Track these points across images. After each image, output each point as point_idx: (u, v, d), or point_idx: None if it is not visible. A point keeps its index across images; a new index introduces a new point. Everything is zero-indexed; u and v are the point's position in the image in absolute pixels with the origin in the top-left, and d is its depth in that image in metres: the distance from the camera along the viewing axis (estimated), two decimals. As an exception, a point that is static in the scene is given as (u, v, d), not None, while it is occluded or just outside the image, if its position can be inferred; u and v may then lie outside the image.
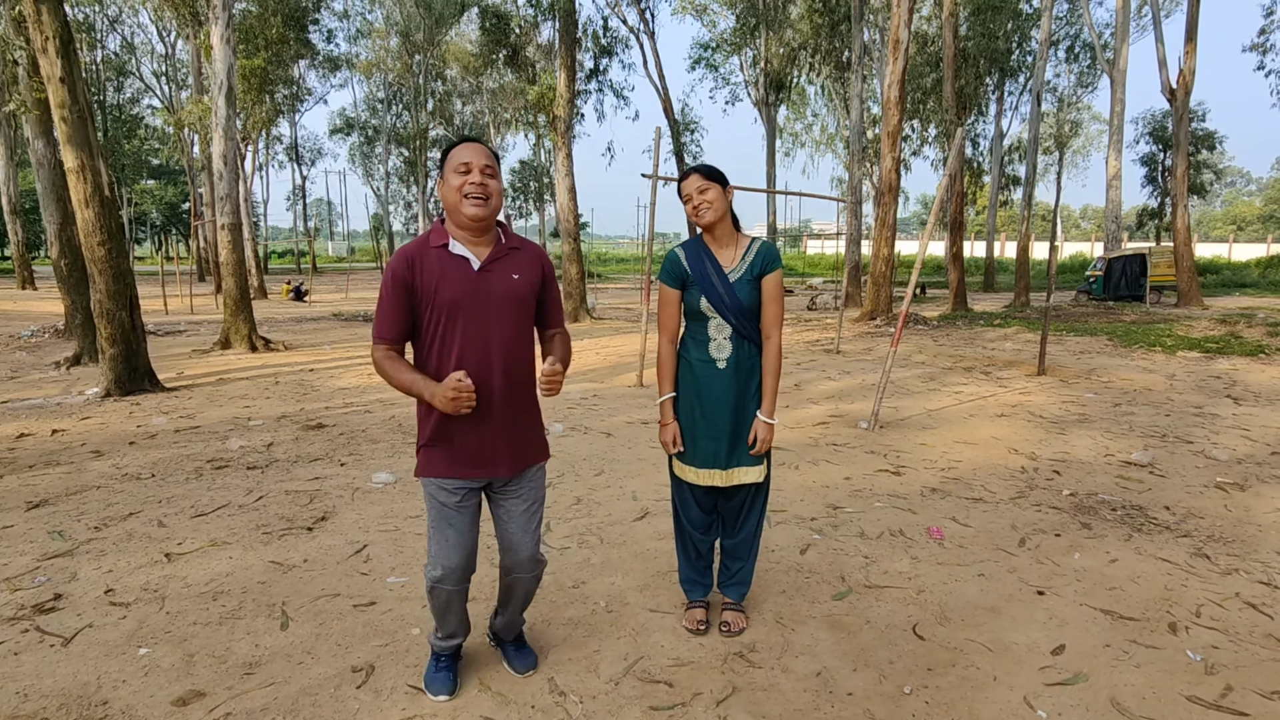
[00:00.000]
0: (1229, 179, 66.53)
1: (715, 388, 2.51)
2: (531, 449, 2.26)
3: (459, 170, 2.07)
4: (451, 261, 2.11)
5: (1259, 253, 38.46)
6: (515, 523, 2.25)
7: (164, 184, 49.54)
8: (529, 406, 2.25)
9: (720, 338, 2.51)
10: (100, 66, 29.92)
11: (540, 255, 2.27)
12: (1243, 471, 4.66)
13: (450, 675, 2.35)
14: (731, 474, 2.55)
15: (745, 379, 2.52)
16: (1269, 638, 2.66)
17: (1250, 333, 10.70)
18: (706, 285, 2.48)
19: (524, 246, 2.25)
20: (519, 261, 2.20)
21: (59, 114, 6.82)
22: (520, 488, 2.26)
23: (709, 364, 2.51)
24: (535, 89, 15.17)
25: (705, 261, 2.50)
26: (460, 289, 2.09)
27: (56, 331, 11.89)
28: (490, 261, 2.14)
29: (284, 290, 22.72)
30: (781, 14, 23.56)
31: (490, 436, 2.15)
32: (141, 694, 2.30)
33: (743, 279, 2.48)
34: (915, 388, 7.65)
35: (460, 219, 2.10)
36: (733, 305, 2.47)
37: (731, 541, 2.70)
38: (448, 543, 2.17)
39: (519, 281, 2.17)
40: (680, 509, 2.71)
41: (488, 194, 2.08)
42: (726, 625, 2.67)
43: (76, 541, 3.50)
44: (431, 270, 2.09)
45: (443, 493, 2.16)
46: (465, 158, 2.08)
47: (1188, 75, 17.05)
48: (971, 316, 15.31)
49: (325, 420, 6.09)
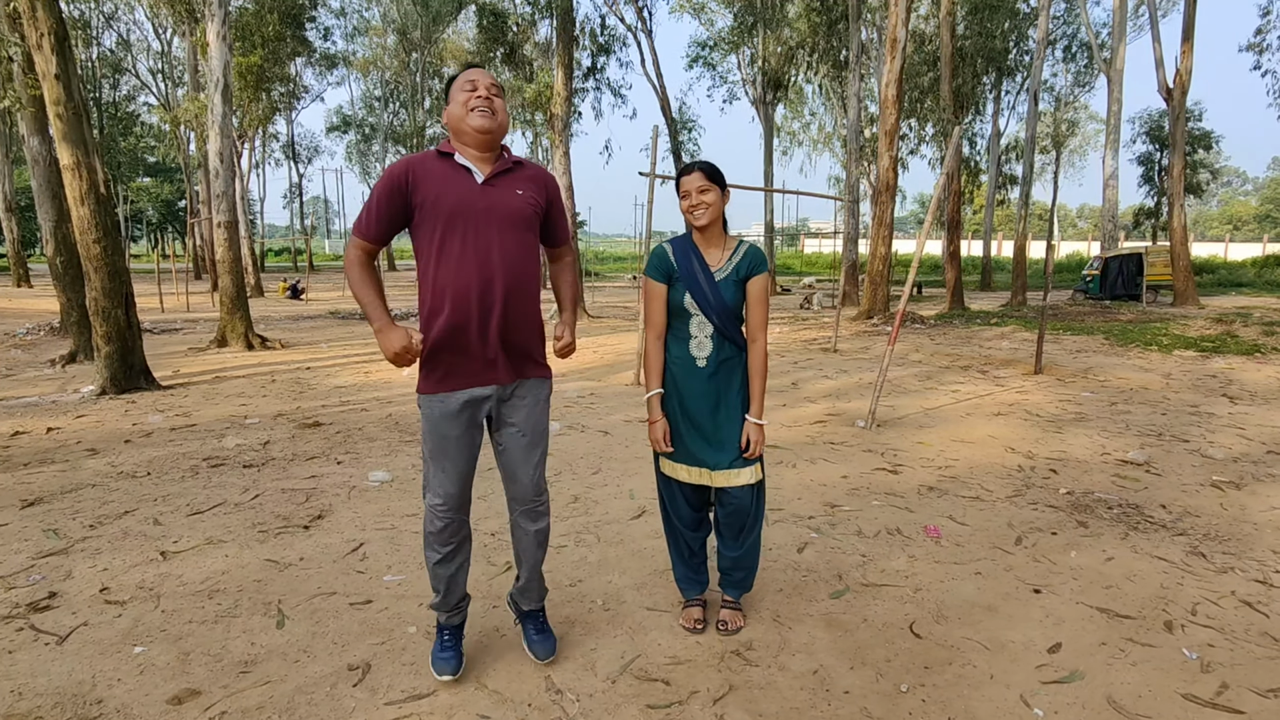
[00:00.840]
0: (1225, 179, 66.68)
1: (696, 386, 2.51)
2: (530, 360, 2.29)
3: (465, 88, 2.13)
4: (455, 171, 2.14)
5: (1255, 252, 38.60)
6: (515, 453, 2.29)
7: (160, 181, 49.39)
8: (529, 321, 2.26)
9: (701, 335, 2.50)
10: (96, 63, 29.79)
11: (545, 175, 2.32)
12: (1238, 470, 4.68)
13: (454, 655, 2.37)
14: (723, 474, 2.53)
15: (725, 379, 2.51)
16: (1265, 636, 2.67)
17: (1246, 332, 10.73)
18: (692, 283, 2.47)
19: (529, 166, 2.28)
20: (523, 179, 2.23)
21: (54, 111, 6.79)
22: (517, 417, 2.26)
23: (689, 362, 2.51)
24: (532, 87, 15.15)
25: (692, 259, 2.49)
26: (462, 199, 2.11)
27: (52, 329, 11.85)
28: (494, 175, 2.17)
29: (281, 288, 22.67)
30: (779, 13, 23.54)
31: (489, 346, 2.17)
32: (136, 692, 2.30)
33: (728, 279, 2.48)
34: (912, 386, 7.65)
35: (466, 133, 2.14)
36: (716, 304, 2.46)
37: (734, 554, 2.64)
38: (443, 469, 2.22)
39: (522, 198, 2.20)
40: (669, 507, 2.69)
41: (493, 108, 2.13)
42: (724, 624, 2.66)
43: (71, 540, 3.49)
44: (433, 179, 2.12)
45: (441, 413, 2.17)
46: (471, 76, 2.15)
47: (1184, 75, 17.07)
48: (968, 315, 15.33)
49: (322, 418, 6.08)
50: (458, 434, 2.20)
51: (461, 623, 2.44)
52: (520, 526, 2.39)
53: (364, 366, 8.89)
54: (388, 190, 2.10)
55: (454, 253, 2.10)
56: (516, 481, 2.32)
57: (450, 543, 2.29)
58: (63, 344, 10.37)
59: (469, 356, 2.16)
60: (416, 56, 33.26)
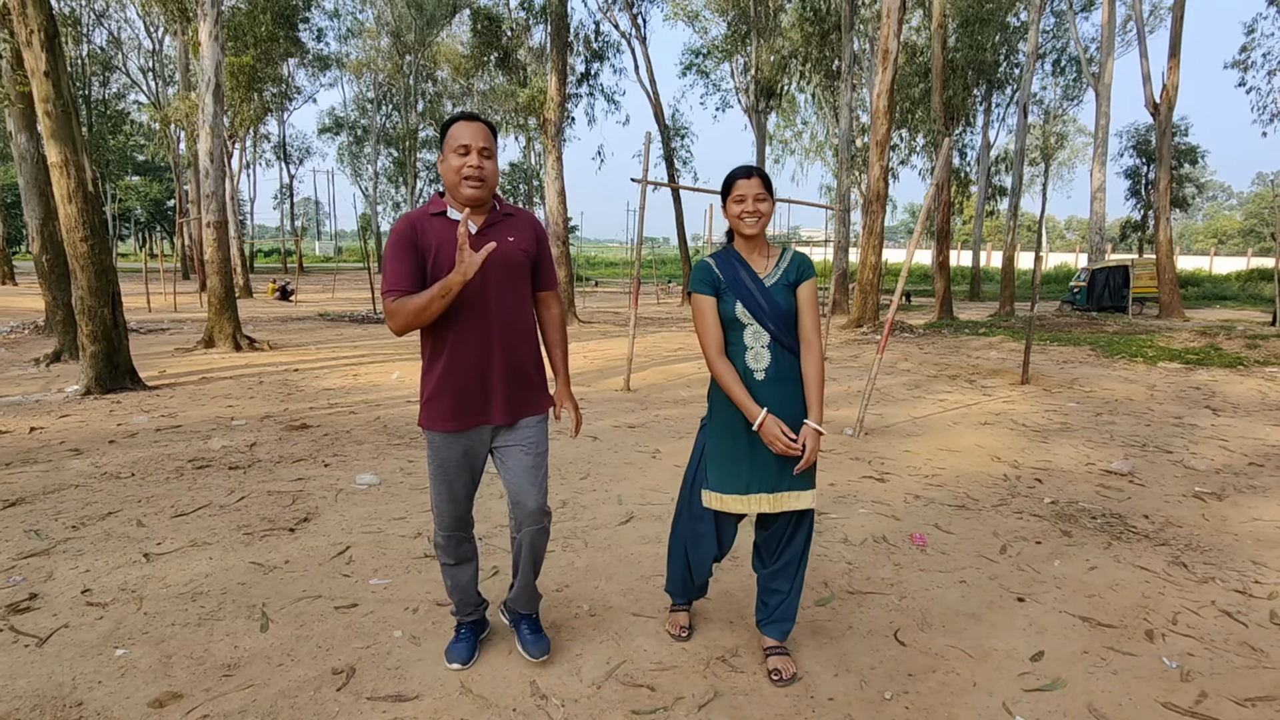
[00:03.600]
0: (1211, 193, 67.52)
1: (757, 399, 2.34)
2: (527, 401, 2.36)
3: (458, 152, 2.18)
4: (449, 228, 2.22)
5: (1239, 266, 39.06)
6: (520, 474, 2.35)
7: (149, 180, 49.06)
8: (526, 363, 2.35)
9: (758, 346, 2.36)
10: (86, 61, 29.62)
11: (534, 222, 2.41)
12: (1220, 481, 4.73)
13: (467, 646, 2.49)
14: (780, 498, 2.36)
15: (788, 391, 2.36)
16: (1243, 645, 2.70)
17: (1230, 345, 10.86)
18: (742, 291, 2.35)
19: (518, 214, 2.38)
20: (513, 227, 2.32)
21: (43, 108, 6.75)
22: (520, 440, 2.35)
23: (748, 375, 2.35)
24: (526, 92, 15.16)
25: (738, 268, 2.38)
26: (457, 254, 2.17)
27: (37, 328, 11.74)
28: (486, 228, 2.25)
29: (270, 289, 22.55)
30: (773, 22, 23.68)
31: (488, 389, 2.26)
32: (117, 695, 2.28)
33: (779, 284, 2.38)
34: (900, 395, 7.70)
35: (459, 198, 2.22)
36: (771, 311, 2.35)
37: (770, 569, 2.48)
38: (443, 498, 2.33)
39: (514, 244, 2.28)
40: (689, 543, 2.53)
41: (483, 177, 2.19)
42: (777, 673, 2.41)
43: (53, 541, 3.46)
44: (431, 235, 2.21)
45: (443, 446, 2.28)
46: (464, 139, 2.17)
47: (1171, 90, 17.30)
48: (957, 325, 15.43)
49: (309, 421, 6.05)
50: (458, 460, 2.31)
51: (475, 620, 2.56)
52: (521, 541, 2.43)
53: (352, 369, 8.85)
54: (400, 244, 2.19)
55: (452, 305, 2.17)
56: (521, 499, 2.37)
57: (455, 556, 2.44)
58: (47, 343, 10.27)
59: (469, 399, 2.26)
60: (410, 59, 33.21)
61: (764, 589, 2.53)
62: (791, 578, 2.48)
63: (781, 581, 2.48)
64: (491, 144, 2.21)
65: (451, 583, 2.48)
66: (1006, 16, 22.00)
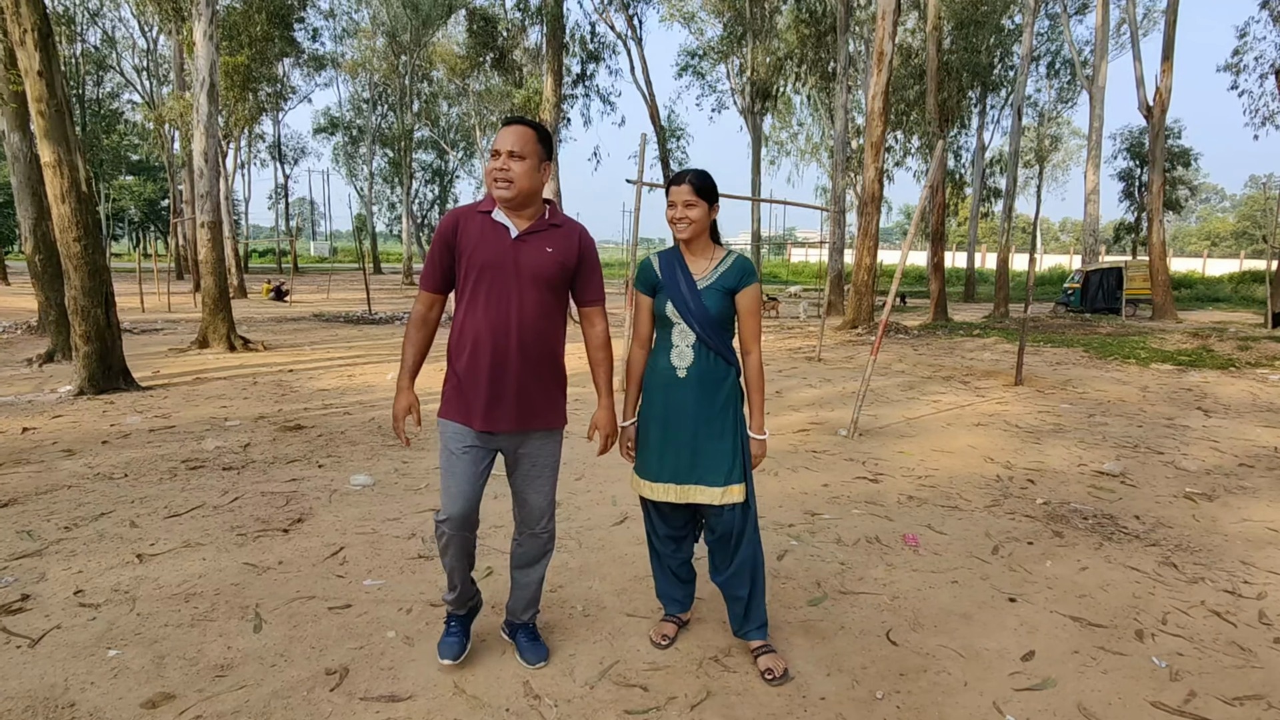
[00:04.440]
0: (1203, 195, 67.86)
1: (675, 396, 2.45)
2: (539, 414, 2.37)
3: (493, 154, 2.25)
4: (492, 227, 2.28)
5: (1232, 268, 39.24)
6: (528, 482, 2.39)
7: (143, 180, 48.84)
8: (544, 375, 2.36)
9: (683, 345, 2.44)
10: (80, 60, 29.48)
11: (580, 232, 2.41)
12: (1211, 482, 4.76)
13: (458, 641, 2.48)
14: (687, 490, 2.45)
15: (708, 391, 2.44)
16: (1232, 645, 2.72)
17: (1221, 346, 10.92)
18: (674, 291, 2.45)
19: (566, 224, 2.39)
20: (556, 237, 2.33)
21: (36, 108, 6.73)
22: (531, 451, 2.38)
23: (670, 372, 2.46)
24: (522, 92, 15.18)
25: (676, 268, 2.48)
26: (493, 253, 2.26)
27: (30, 328, 11.69)
28: (528, 234, 2.29)
29: (264, 290, 22.47)
30: (768, 24, 23.72)
31: (500, 395, 2.28)
32: (110, 696, 2.28)
33: (711, 288, 2.44)
34: (895, 396, 7.72)
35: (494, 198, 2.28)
36: (697, 312, 2.41)
37: (725, 576, 2.53)
38: (449, 490, 2.32)
39: (550, 256, 2.30)
40: (649, 525, 2.65)
41: (510, 179, 2.22)
42: (770, 672, 2.44)
43: (46, 541, 3.45)
44: (472, 232, 2.27)
45: (453, 437, 2.32)
46: (498, 143, 2.24)
47: (1164, 93, 17.39)
48: (951, 326, 15.48)
49: (304, 421, 6.04)
50: (464, 450, 2.31)
51: (466, 614, 2.55)
52: (523, 547, 2.45)
53: (347, 370, 8.84)
54: (439, 243, 2.31)
55: (479, 303, 2.26)
56: (525, 505, 2.41)
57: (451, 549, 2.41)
58: (40, 343, 10.23)
59: (481, 399, 2.28)
60: (406, 60, 33.15)
61: (727, 597, 2.59)
62: (748, 583, 2.52)
63: (738, 586, 2.53)
64: (526, 146, 2.23)
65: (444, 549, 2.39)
66: (1001, 19, 22.09)
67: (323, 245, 69.02)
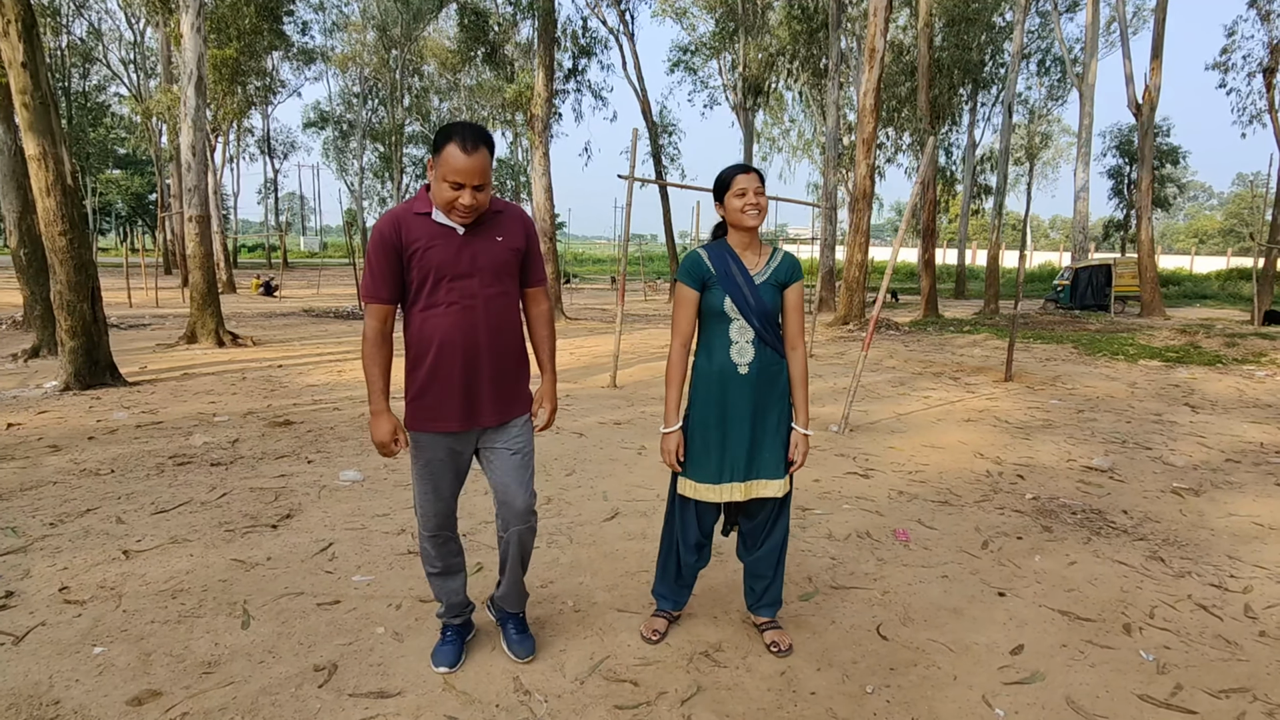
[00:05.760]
0: (1192, 193, 68.37)
1: (734, 394, 2.41)
2: (514, 401, 2.35)
3: (451, 185, 2.07)
4: (438, 230, 2.17)
5: (1219, 265, 39.58)
6: (508, 474, 2.34)
7: (130, 174, 48.37)
8: (513, 364, 2.33)
9: (743, 341, 2.41)
10: (65, 52, 29.15)
11: (523, 217, 2.35)
12: (1198, 477, 4.79)
13: (453, 649, 2.47)
14: (751, 486, 2.45)
15: (766, 386, 2.43)
16: (1218, 638, 2.74)
17: (1209, 343, 11.00)
18: (731, 286, 2.39)
19: (507, 209, 2.32)
20: (502, 225, 2.27)
21: (20, 100, 6.64)
22: (507, 440, 2.34)
23: (731, 369, 2.41)
24: (513, 87, 15.08)
25: (730, 262, 2.42)
26: (446, 255, 2.17)
27: (14, 323, 11.56)
28: (474, 227, 2.21)
29: (253, 285, 22.32)
30: (761, 20, 23.71)
31: (474, 391, 2.24)
32: (95, 693, 2.25)
33: (767, 283, 2.42)
34: (885, 392, 7.74)
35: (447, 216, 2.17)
36: (757, 308, 2.39)
37: (753, 557, 2.59)
38: (426, 496, 2.31)
39: (502, 244, 2.25)
40: (678, 530, 2.58)
41: (473, 211, 2.13)
42: (776, 645, 2.56)
43: (30, 538, 3.41)
44: (418, 234, 2.17)
45: (427, 447, 2.26)
46: (459, 175, 2.05)
47: (1153, 91, 17.49)
48: (942, 323, 15.54)
49: (293, 417, 6.00)
50: (443, 459, 2.29)
51: (463, 624, 2.54)
52: (508, 541, 2.42)
53: (336, 365, 8.79)
54: (386, 251, 2.14)
55: (439, 307, 2.18)
56: (508, 499, 2.35)
57: (443, 559, 2.41)
58: (25, 338, 10.12)
59: (457, 401, 2.23)
60: (396, 54, 32.97)
61: (750, 575, 2.66)
62: (774, 565, 2.61)
63: (765, 567, 2.61)
64: (487, 174, 2.10)
65: (439, 588, 2.46)
66: (992, 16, 22.15)
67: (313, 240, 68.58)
